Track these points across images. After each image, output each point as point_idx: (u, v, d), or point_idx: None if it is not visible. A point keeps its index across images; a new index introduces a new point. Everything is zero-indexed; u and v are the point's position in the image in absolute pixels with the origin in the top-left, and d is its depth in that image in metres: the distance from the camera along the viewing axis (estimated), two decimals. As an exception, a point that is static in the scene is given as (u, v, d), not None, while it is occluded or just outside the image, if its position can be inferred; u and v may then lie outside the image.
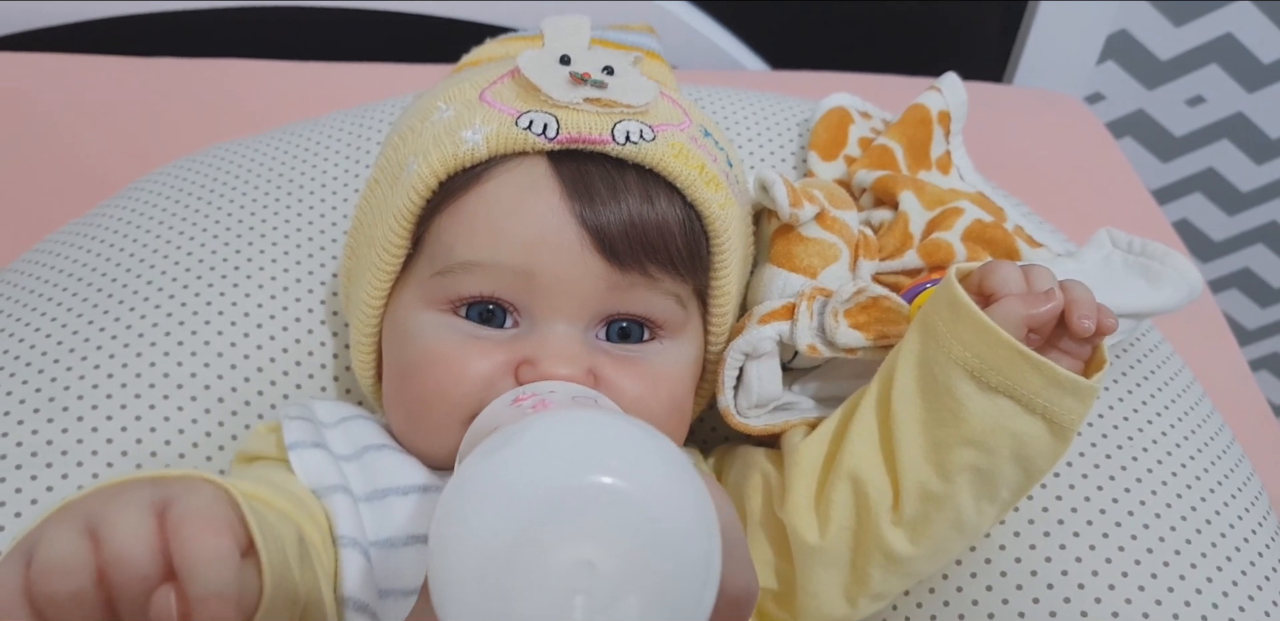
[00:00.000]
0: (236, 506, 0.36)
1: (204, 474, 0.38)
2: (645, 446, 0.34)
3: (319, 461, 0.54)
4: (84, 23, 1.10)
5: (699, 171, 0.54)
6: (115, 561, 0.33)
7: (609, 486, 0.31)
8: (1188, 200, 1.49)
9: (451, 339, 0.54)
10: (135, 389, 0.62)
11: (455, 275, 0.54)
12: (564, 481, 0.32)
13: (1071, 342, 0.53)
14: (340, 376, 0.69)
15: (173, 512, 0.34)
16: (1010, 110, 1.14)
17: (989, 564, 0.58)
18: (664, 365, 0.56)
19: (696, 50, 1.18)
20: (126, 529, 0.34)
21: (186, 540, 0.33)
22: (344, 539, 0.51)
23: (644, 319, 0.55)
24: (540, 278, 0.52)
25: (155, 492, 0.35)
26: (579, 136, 0.53)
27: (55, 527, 0.34)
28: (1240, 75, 1.35)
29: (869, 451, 0.55)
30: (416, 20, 1.14)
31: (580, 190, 0.52)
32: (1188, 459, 0.62)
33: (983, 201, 0.70)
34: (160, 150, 0.88)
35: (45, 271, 0.69)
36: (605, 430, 0.34)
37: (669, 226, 0.54)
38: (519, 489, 0.32)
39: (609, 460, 0.32)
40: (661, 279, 0.54)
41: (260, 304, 0.68)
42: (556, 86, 0.53)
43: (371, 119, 0.81)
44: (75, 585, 0.32)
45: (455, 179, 0.54)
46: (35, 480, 0.58)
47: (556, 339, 0.53)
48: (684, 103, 0.60)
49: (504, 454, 0.33)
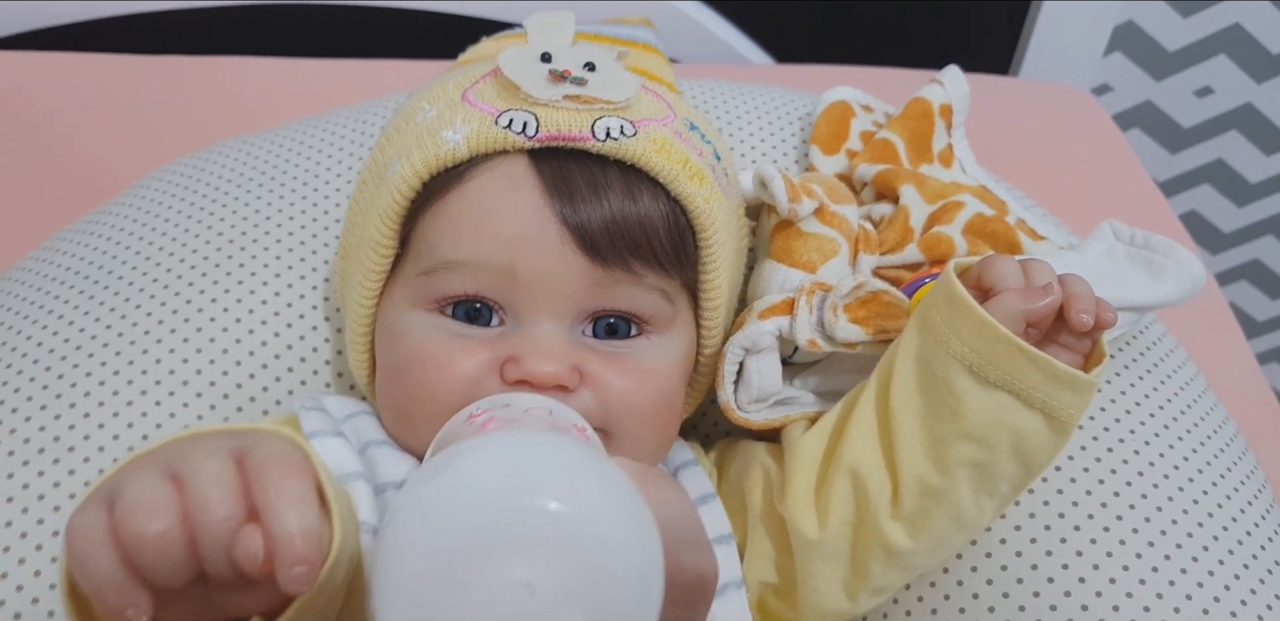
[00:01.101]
0: (307, 457, 0.37)
1: (274, 427, 0.39)
2: (580, 467, 0.34)
3: (340, 449, 0.55)
4: (86, 22, 1.11)
5: (682, 166, 0.54)
6: (199, 503, 0.34)
7: (543, 508, 0.32)
8: (1197, 191, 1.48)
9: (438, 338, 0.54)
10: (141, 385, 0.63)
11: (440, 274, 0.54)
12: (498, 504, 0.32)
13: (1070, 337, 0.53)
14: (344, 373, 0.69)
15: (252, 458, 0.36)
16: (1017, 103, 1.13)
17: (989, 558, 0.58)
18: (652, 360, 0.56)
19: (701, 44, 1.18)
20: (208, 472, 0.35)
21: (270, 483, 0.35)
22: (365, 525, 0.51)
23: (630, 314, 0.56)
24: (523, 275, 0.53)
25: (232, 442, 0.36)
26: (559, 134, 0.53)
27: (137, 472, 0.35)
28: (1249, 66, 1.34)
29: (868, 446, 0.55)
30: (420, 17, 1.14)
31: (560, 188, 0.53)
32: (1190, 453, 0.62)
33: (984, 195, 0.70)
34: (164, 148, 0.88)
35: (51, 269, 0.70)
36: (539, 451, 0.34)
37: (652, 222, 0.54)
38: (454, 513, 0.32)
39: (542, 482, 0.33)
40: (645, 274, 0.54)
41: (265, 300, 0.68)
42: (536, 84, 0.54)
43: (375, 115, 0.81)
44: (162, 525, 0.33)
45: (438, 179, 0.54)
46: (42, 476, 0.58)
47: (541, 336, 0.53)
48: (669, 97, 0.60)
49: (439, 479, 0.33)
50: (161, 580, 0.34)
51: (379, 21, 1.15)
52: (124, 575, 0.33)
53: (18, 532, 0.56)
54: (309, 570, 0.33)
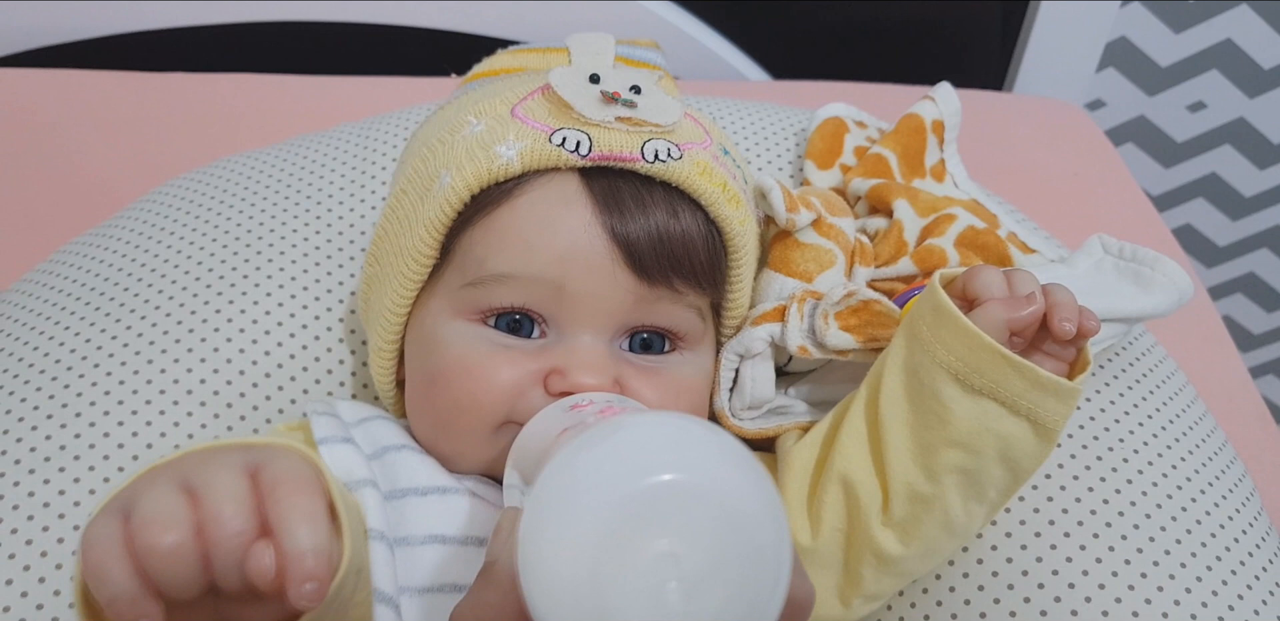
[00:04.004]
0: (320, 473, 0.38)
1: (288, 442, 0.40)
2: (719, 445, 0.36)
3: (349, 456, 0.55)
4: (94, 39, 1.12)
5: (722, 189, 0.56)
6: (214, 517, 0.34)
7: (694, 483, 0.33)
8: (1191, 205, 1.49)
9: (481, 348, 0.55)
10: (146, 395, 0.64)
11: (487, 286, 0.55)
12: (651, 477, 0.33)
13: (1055, 345, 0.54)
14: (345, 382, 0.70)
15: (265, 474, 0.36)
16: (1010, 118, 1.14)
17: (981, 564, 0.59)
18: (684, 375, 0.58)
19: (698, 60, 1.19)
20: (223, 487, 0.35)
21: (282, 499, 0.35)
22: (373, 531, 0.51)
23: (666, 331, 0.57)
24: (571, 290, 0.54)
25: (246, 457, 0.37)
26: (611, 154, 0.54)
27: (153, 486, 0.36)
28: (1240, 81, 1.35)
29: (859, 454, 0.56)
30: (422, 35, 1.15)
31: (612, 205, 0.54)
32: (1179, 461, 0.62)
33: (976, 208, 0.71)
34: (170, 164, 0.89)
35: (59, 281, 0.71)
36: (687, 431, 0.36)
37: (693, 241, 0.55)
38: (609, 484, 0.33)
39: (693, 459, 0.34)
40: (686, 293, 0.56)
41: (268, 311, 0.69)
42: (589, 105, 0.55)
43: (378, 131, 0.82)
44: (176, 537, 0.34)
45: (488, 192, 0.55)
46: (48, 484, 0.59)
47: (584, 349, 0.54)
48: (704, 122, 0.61)
49: (595, 451, 0.35)
50: (174, 592, 0.34)
51: (381, 39, 1.16)
52: (138, 586, 0.34)
53: (23, 539, 0.57)
54: (319, 587, 0.34)
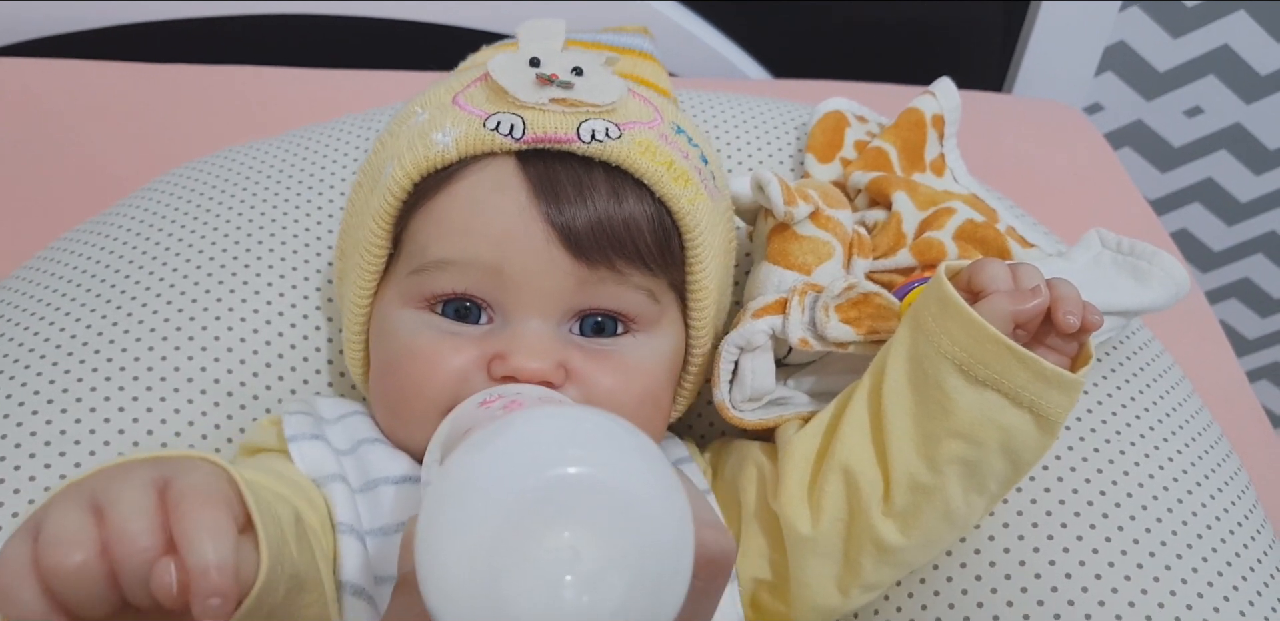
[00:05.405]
0: (234, 484, 0.38)
1: (203, 454, 0.39)
2: (617, 437, 0.35)
3: (318, 452, 0.56)
4: (96, 30, 1.12)
5: (667, 167, 0.56)
6: (117, 535, 0.34)
7: (589, 477, 0.33)
8: (1187, 210, 1.50)
9: (427, 335, 0.56)
10: (147, 382, 0.64)
11: (429, 273, 0.55)
12: (545, 472, 0.33)
13: (1058, 339, 0.54)
14: (346, 373, 0.70)
15: (172, 489, 0.36)
16: (1009, 120, 1.15)
17: (978, 554, 0.59)
18: (637, 358, 0.57)
19: (700, 59, 1.19)
20: (128, 504, 0.35)
21: (185, 514, 0.35)
22: (342, 525, 0.52)
23: (616, 313, 0.57)
24: (509, 274, 0.54)
25: (156, 471, 0.37)
26: (545, 136, 0.54)
27: (61, 504, 0.35)
28: (1238, 86, 1.36)
29: (861, 444, 0.56)
30: (425, 29, 1.16)
31: (546, 189, 0.54)
32: (1174, 454, 0.63)
33: (975, 202, 0.72)
34: (172, 154, 0.89)
35: (60, 268, 0.71)
36: (581, 424, 0.36)
37: (636, 222, 0.55)
38: (503, 481, 0.33)
39: (586, 452, 0.34)
40: (630, 274, 0.56)
41: (269, 301, 0.69)
42: (523, 88, 0.55)
43: (379, 122, 0.82)
44: (80, 558, 0.33)
45: (428, 180, 0.56)
46: (49, 469, 0.59)
47: (528, 334, 0.54)
48: (657, 101, 0.61)
49: (487, 449, 0.34)
50: (84, 611, 0.34)
51: (384, 33, 1.17)
52: (45, 607, 0.33)
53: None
54: (223, 602, 0.33)
